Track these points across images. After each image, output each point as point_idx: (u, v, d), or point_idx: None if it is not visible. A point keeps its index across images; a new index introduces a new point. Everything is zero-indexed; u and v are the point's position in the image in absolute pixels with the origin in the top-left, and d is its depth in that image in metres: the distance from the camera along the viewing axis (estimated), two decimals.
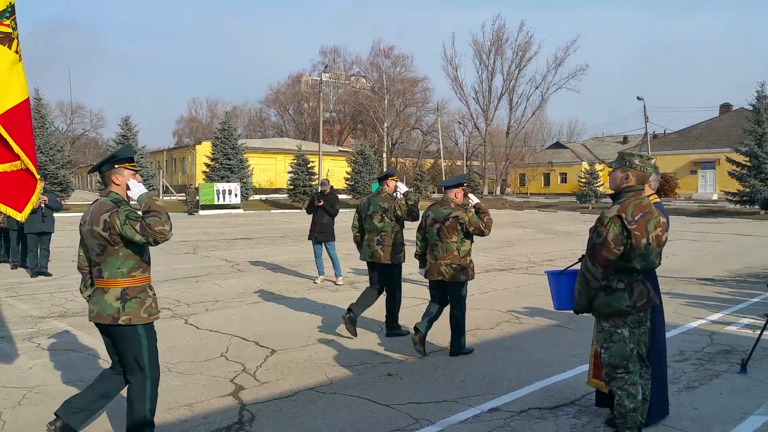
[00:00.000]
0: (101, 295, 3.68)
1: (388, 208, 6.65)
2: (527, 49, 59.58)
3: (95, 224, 3.58)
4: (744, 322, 7.40)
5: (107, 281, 3.66)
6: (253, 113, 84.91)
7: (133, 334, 3.72)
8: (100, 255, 3.63)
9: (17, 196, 3.78)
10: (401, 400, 4.77)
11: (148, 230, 3.49)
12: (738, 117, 48.05)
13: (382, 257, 6.60)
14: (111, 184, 3.75)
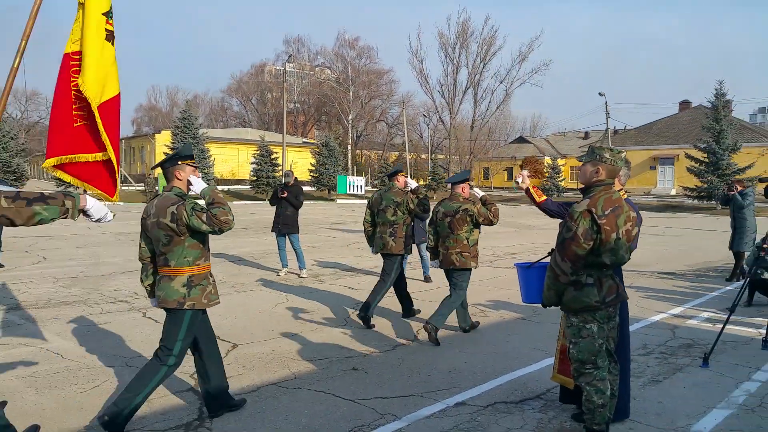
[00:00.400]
0: (168, 282, 3.93)
1: (400, 202, 6.87)
2: (492, 43, 59.86)
3: (162, 216, 3.83)
4: (704, 316, 7.52)
5: (174, 269, 3.93)
6: (215, 102, 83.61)
7: (180, 319, 3.96)
8: (167, 245, 3.89)
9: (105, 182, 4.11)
10: (366, 394, 4.68)
11: (215, 220, 3.78)
12: (697, 114, 49.24)
13: (394, 248, 6.85)
14: (174, 179, 4.06)
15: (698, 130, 40.70)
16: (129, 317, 7.08)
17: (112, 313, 7.26)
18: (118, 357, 5.53)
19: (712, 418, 4.27)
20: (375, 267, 11.23)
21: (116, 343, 6.01)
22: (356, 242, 15.60)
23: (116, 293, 8.45)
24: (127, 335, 6.27)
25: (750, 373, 5.25)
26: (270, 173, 38.75)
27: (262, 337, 6.29)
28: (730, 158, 34.74)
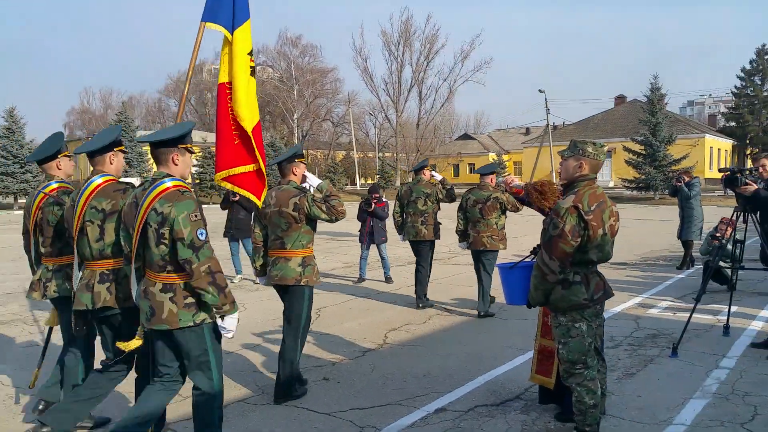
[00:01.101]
0: (285, 263, 4.53)
1: (430, 192, 7.65)
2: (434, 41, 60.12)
3: (284, 206, 4.51)
4: (663, 305, 7.64)
5: (290, 251, 4.54)
6: (152, 103, 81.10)
7: (301, 294, 4.55)
8: (285, 231, 4.54)
9: (257, 188, 4.67)
10: (341, 406, 4.49)
11: (333, 210, 4.48)
12: (632, 108, 50.82)
13: (426, 235, 7.63)
14: (290, 174, 4.68)
15: (633, 123, 41.99)
16: None
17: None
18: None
19: (691, 408, 4.27)
20: (332, 269, 11.03)
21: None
22: None
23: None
24: None
25: (717, 360, 5.33)
26: (214, 176, 37.80)
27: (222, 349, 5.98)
28: (666, 150, 35.95)
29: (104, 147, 3.76)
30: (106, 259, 3.63)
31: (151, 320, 3.25)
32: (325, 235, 17.43)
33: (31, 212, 4.06)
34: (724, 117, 63.00)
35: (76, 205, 3.64)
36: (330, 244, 15.45)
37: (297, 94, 60.38)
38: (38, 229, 4.07)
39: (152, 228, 3.19)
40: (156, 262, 3.23)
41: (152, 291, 3.25)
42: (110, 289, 3.60)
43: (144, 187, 3.35)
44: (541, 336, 4.31)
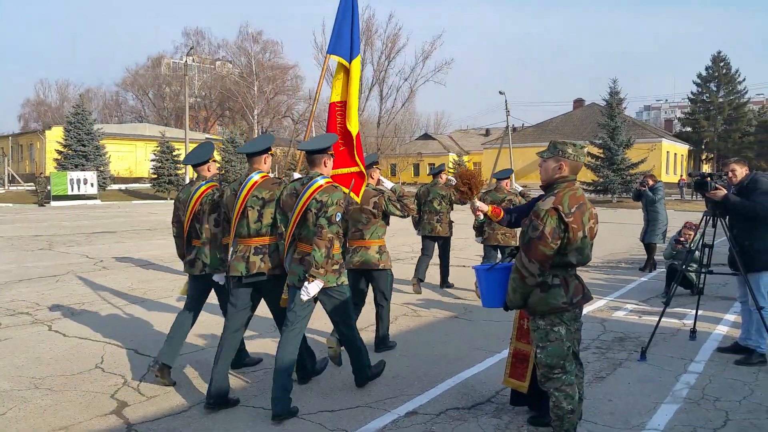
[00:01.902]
0: (365, 251, 5.54)
1: (445, 195, 8.58)
2: (396, 41, 60.40)
3: (365, 204, 5.50)
4: (629, 307, 7.70)
5: (368, 241, 5.56)
6: (109, 97, 78.96)
7: (386, 275, 5.66)
8: (365, 224, 5.56)
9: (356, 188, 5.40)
10: (311, 408, 4.34)
11: (407, 208, 5.55)
12: (590, 111, 51.81)
13: (441, 232, 8.64)
14: (368, 178, 5.59)
15: (592, 126, 42.79)
16: (33, 331, 6.33)
17: (12, 328, 6.48)
18: (24, 378, 4.88)
19: (663, 413, 4.26)
20: None
21: (21, 362, 5.32)
22: None
23: (14, 304, 7.58)
24: (33, 352, 5.59)
25: (686, 364, 5.36)
26: (172, 171, 37.00)
27: (186, 350, 5.73)
28: (624, 153, 36.74)
29: (261, 150, 4.55)
30: (261, 237, 4.47)
31: (304, 281, 4.17)
32: None
33: (188, 205, 4.89)
34: (681, 122, 64.80)
35: (238, 195, 4.46)
36: None
37: (257, 90, 59.64)
38: (196, 219, 4.90)
39: (312, 212, 4.22)
40: (311, 236, 4.21)
41: (307, 259, 4.17)
42: (263, 259, 4.43)
43: (302, 182, 4.36)
44: (517, 339, 4.23)
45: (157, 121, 68.48)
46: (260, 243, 4.46)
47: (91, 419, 4.12)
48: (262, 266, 4.41)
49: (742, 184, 5.47)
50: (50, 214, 24.60)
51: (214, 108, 72.37)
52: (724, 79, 58.03)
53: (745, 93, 58.95)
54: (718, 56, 58.59)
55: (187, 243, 5.02)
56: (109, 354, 5.59)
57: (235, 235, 4.52)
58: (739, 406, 4.41)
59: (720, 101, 57.74)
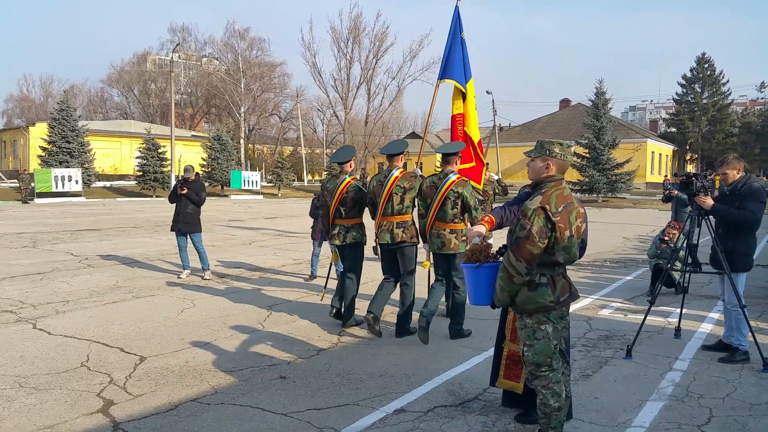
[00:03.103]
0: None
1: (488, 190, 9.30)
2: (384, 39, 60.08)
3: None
4: (614, 306, 7.76)
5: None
6: (94, 93, 78.12)
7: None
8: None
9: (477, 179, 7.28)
10: (298, 406, 4.34)
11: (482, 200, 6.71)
12: (576, 111, 52.12)
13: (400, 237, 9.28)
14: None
15: (578, 126, 43.05)
16: (17, 329, 6.26)
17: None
18: (8, 377, 4.82)
19: (649, 411, 4.30)
20: (282, 266, 10.80)
21: (4, 360, 5.25)
22: (259, 240, 15.01)
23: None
24: (18, 350, 5.53)
25: (670, 362, 5.41)
26: (158, 168, 36.75)
27: (173, 348, 5.74)
28: (609, 153, 36.98)
29: (398, 153, 6.37)
30: (402, 215, 6.24)
31: (441, 249, 6.00)
32: (275, 232, 17.14)
33: (335, 193, 6.58)
34: (666, 123, 65.40)
35: (384, 185, 6.23)
36: (280, 240, 15.17)
37: (244, 87, 59.35)
38: (341, 203, 6.55)
39: (450, 200, 5.94)
40: (448, 218, 5.99)
41: (443, 233, 6.00)
42: (405, 232, 6.20)
43: (439, 177, 6.07)
44: (511, 341, 4.24)
45: (143, 118, 67.94)
46: (401, 220, 6.24)
47: (77, 418, 4.09)
48: (403, 236, 6.20)
49: (735, 186, 5.50)
50: (34, 211, 24.34)
51: (201, 105, 71.91)
52: (709, 80, 58.66)
53: (728, 94, 59.65)
54: (702, 58, 59.20)
55: (332, 222, 6.69)
56: (94, 352, 5.54)
57: (382, 214, 6.25)
58: (723, 403, 4.46)
59: (704, 102, 58.38)
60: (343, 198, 6.55)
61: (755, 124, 60.16)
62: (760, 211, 5.36)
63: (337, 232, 6.62)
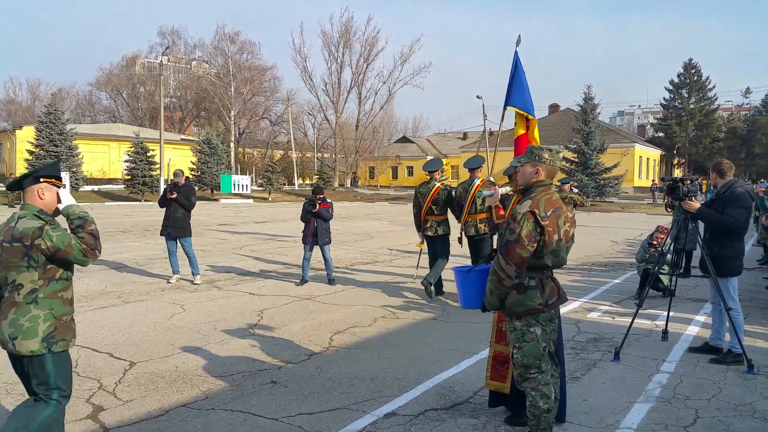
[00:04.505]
0: None
1: None
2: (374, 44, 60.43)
3: None
4: (603, 308, 7.82)
5: None
6: (82, 96, 77.67)
7: None
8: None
9: None
10: (290, 411, 4.35)
11: None
12: (565, 116, 52.44)
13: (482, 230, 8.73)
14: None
15: (567, 131, 43.32)
16: None
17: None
18: None
19: (636, 413, 4.35)
20: (273, 270, 10.80)
21: None
22: (249, 244, 14.99)
23: None
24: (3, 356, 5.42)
25: (658, 364, 5.47)
26: (146, 172, 36.58)
27: (162, 353, 5.74)
28: (597, 158, 37.24)
29: (478, 166, 8.14)
30: (483, 213, 7.78)
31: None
32: (265, 236, 17.12)
33: (428, 195, 8.36)
34: (653, 128, 65.95)
35: (469, 191, 7.95)
36: (270, 244, 15.16)
37: (234, 91, 59.29)
38: (434, 203, 8.30)
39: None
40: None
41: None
42: (486, 226, 7.73)
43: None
44: (496, 342, 4.28)
45: (132, 121, 67.64)
46: (483, 217, 7.91)
47: (66, 424, 4.05)
48: (485, 230, 7.95)
49: (720, 191, 5.58)
50: None
51: (190, 108, 71.71)
52: (695, 86, 59.22)
53: (715, 100, 60.28)
54: (689, 63, 59.76)
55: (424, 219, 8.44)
56: (83, 358, 5.52)
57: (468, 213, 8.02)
58: (708, 404, 4.52)
59: (691, 107, 58.92)
60: (435, 199, 8.31)
61: (741, 129, 60.86)
62: (742, 216, 5.44)
63: (430, 225, 8.40)
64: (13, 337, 3.16)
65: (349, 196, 45.71)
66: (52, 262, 3.25)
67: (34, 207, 3.33)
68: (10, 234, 3.18)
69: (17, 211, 3.34)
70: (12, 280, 3.20)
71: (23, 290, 3.19)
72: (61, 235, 3.23)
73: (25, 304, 3.19)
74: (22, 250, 3.15)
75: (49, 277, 3.25)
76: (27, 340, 3.16)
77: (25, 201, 3.39)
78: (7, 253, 3.18)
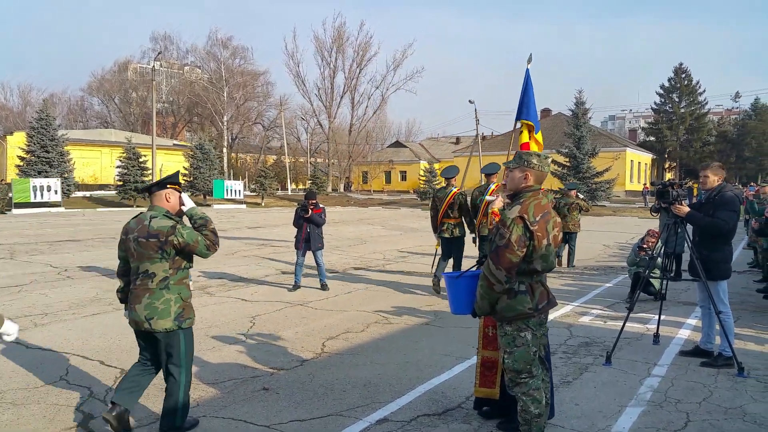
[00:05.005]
0: None
1: None
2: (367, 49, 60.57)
3: None
4: (595, 312, 7.85)
5: None
6: (73, 102, 77.49)
7: None
8: None
9: None
10: (281, 418, 4.34)
11: None
12: (556, 121, 52.60)
13: None
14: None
15: (558, 135, 43.47)
16: None
17: None
18: None
19: (628, 417, 4.37)
20: (266, 276, 10.78)
21: None
22: (241, 250, 14.95)
23: None
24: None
25: (649, 368, 5.49)
26: (138, 177, 36.45)
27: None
28: (589, 162, 37.40)
29: (494, 172, 8.57)
30: None
31: None
32: (258, 241, 17.09)
33: (445, 200, 8.83)
34: (644, 132, 66.28)
35: (484, 194, 8.30)
36: (264, 250, 15.13)
37: (227, 96, 59.23)
38: (450, 208, 8.80)
39: None
40: None
41: None
42: None
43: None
44: (483, 348, 4.29)
45: (124, 126, 67.48)
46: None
47: None
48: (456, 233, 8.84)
49: (710, 194, 5.61)
50: (12, 221, 24.04)
51: (183, 114, 71.61)
52: (686, 90, 59.57)
53: (705, 104, 60.66)
54: (679, 68, 60.13)
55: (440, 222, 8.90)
56: (74, 365, 5.49)
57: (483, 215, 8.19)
58: (699, 407, 4.54)
59: (682, 111, 59.27)
60: (451, 204, 8.83)
61: (731, 133, 61.30)
62: (732, 219, 5.47)
63: (446, 227, 8.93)
64: (149, 318, 3.80)
65: (342, 201, 45.68)
66: (180, 254, 3.90)
67: (162, 209, 3.97)
68: (146, 231, 3.83)
69: (145, 211, 4.00)
70: (145, 270, 3.85)
71: (156, 278, 3.84)
72: (190, 232, 3.89)
73: (158, 290, 3.84)
74: (157, 244, 3.80)
75: (177, 267, 3.90)
76: (162, 320, 3.81)
77: (153, 203, 4.03)
78: (142, 247, 3.83)
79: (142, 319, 3.83)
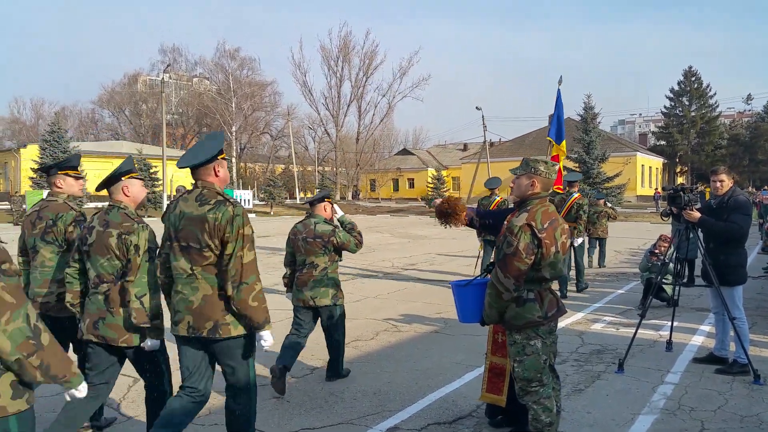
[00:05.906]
0: None
1: None
2: (373, 57, 60.65)
3: None
4: (607, 319, 7.78)
5: None
6: (85, 114, 78.10)
7: None
8: None
9: None
10: (293, 426, 4.34)
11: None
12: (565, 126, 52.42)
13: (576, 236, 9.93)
14: None
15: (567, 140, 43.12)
16: None
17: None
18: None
19: (641, 425, 4.32)
20: (275, 284, 10.76)
21: None
22: None
23: None
24: None
25: (662, 375, 5.43)
26: (149, 188, 36.64)
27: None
28: (599, 167, 37.27)
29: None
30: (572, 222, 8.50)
31: None
32: (268, 250, 17.11)
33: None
34: (655, 136, 65.92)
35: (566, 202, 9.04)
36: (273, 258, 15.14)
37: (235, 106, 59.52)
38: None
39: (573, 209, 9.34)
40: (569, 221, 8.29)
41: None
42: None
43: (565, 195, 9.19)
44: (492, 353, 4.26)
45: (134, 138, 67.95)
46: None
47: None
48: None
49: (723, 199, 5.54)
50: None
51: (192, 125, 72.03)
52: (696, 93, 59.31)
53: (716, 107, 60.33)
54: (689, 71, 59.89)
55: None
56: None
57: None
58: (714, 415, 4.48)
59: (692, 115, 58.97)
60: None
61: (743, 136, 60.81)
62: (746, 223, 5.42)
63: None
64: (313, 297, 5.14)
65: (350, 209, 45.68)
66: (335, 250, 5.20)
67: (322, 216, 5.28)
68: (313, 233, 5.16)
69: (310, 218, 5.28)
70: (311, 262, 5.16)
71: (319, 268, 5.15)
72: (344, 234, 5.20)
73: (320, 277, 5.15)
74: (321, 243, 5.13)
75: (332, 260, 5.21)
76: (323, 299, 5.16)
77: (314, 212, 5.30)
78: (309, 245, 5.16)
79: (307, 298, 5.14)
